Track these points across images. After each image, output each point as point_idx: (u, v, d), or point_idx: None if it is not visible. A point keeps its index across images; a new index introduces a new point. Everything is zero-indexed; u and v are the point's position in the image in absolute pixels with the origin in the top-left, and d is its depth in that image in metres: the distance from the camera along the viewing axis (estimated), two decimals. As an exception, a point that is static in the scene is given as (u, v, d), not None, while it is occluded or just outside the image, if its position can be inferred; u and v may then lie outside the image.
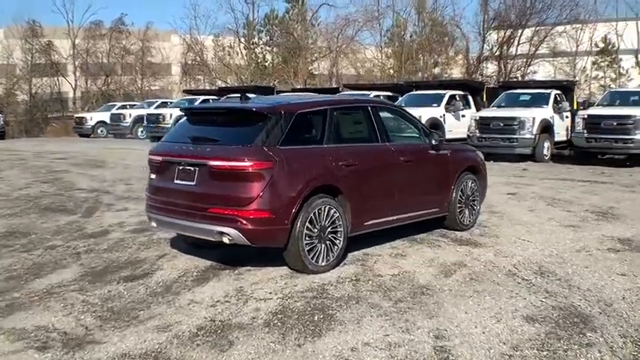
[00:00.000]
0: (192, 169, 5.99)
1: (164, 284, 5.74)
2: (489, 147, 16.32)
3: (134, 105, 32.68)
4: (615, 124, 15.33)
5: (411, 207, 7.08)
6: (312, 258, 5.89)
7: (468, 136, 17.48)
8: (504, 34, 33.47)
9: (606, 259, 6.50)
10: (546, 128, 16.93)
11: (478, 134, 17.08)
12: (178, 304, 5.18)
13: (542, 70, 34.38)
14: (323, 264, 6.00)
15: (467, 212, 7.82)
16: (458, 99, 19.42)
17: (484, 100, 20.66)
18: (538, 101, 17.74)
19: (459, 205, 7.66)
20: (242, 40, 41.33)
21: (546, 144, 17.04)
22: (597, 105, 17.39)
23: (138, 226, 8.19)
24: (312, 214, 5.86)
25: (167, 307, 5.13)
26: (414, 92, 21.02)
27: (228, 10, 53.54)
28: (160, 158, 6.43)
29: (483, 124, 17.15)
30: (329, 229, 6.04)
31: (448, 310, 4.96)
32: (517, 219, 8.60)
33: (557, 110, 17.54)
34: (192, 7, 67.16)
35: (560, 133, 17.70)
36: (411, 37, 38.73)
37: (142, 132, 28.57)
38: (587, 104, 18.87)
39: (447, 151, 7.71)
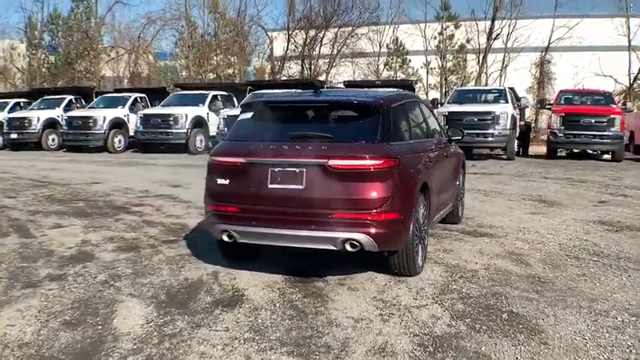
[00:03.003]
0: (296, 170, 5.01)
1: (293, 308, 4.67)
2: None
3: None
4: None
5: (447, 202, 6.93)
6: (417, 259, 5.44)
7: (217, 133, 18.20)
8: (307, 34, 34.56)
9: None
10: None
11: (226, 131, 17.66)
12: (346, 325, 4.26)
13: (345, 71, 36.15)
14: (421, 264, 5.57)
15: (460, 205, 7.87)
16: (219, 99, 20.50)
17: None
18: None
19: (458, 199, 7.70)
20: (23, 41, 37.18)
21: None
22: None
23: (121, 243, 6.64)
24: (417, 214, 5.37)
25: (353, 331, 4.18)
26: (179, 92, 22.41)
27: (18, 9, 47.65)
28: (240, 160, 5.20)
29: (230, 122, 17.67)
30: (423, 228, 5.61)
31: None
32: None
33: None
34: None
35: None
36: (202, 36, 38.05)
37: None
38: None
39: (456, 146, 7.72)
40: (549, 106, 19.00)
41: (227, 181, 5.26)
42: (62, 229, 7.57)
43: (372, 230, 4.89)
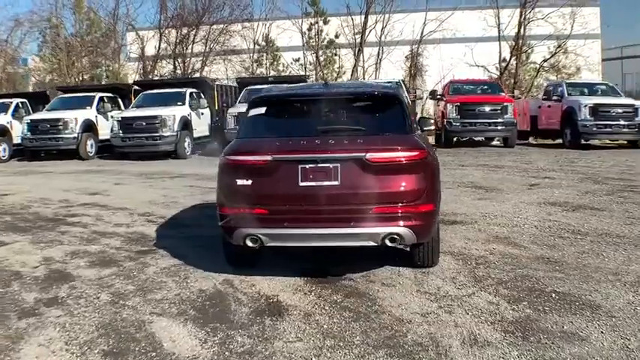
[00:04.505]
0: (330, 166, 4.71)
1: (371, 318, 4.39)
2: (134, 146, 17.13)
3: None
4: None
5: None
6: None
7: (111, 137, 17.55)
8: (179, 32, 33.51)
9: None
10: (186, 125, 17.86)
11: (122, 134, 17.15)
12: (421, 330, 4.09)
13: (218, 69, 35.42)
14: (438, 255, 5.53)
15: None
16: (106, 101, 19.46)
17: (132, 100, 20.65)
18: (175, 99, 18.48)
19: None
20: None
21: (188, 139, 17.94)
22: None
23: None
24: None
25: (430, 326, 4.01)
26: (63, 95, 20.66)
27: None
28: (265, 158, 4.77)
29: (126, 124, 17.24)
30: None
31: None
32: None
33: (194, 108, 18.58)
34: None
35: (199, 130, 18.94)
36: (65, 38, 35.53)
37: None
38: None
39: None
40: (440, 97, 19.91)
41: (250, 182, 4.86)
42: (8, 246, 6.66)
43: (413, 223, 4.78)
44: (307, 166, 4.76)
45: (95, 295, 4.91)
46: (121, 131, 17.23)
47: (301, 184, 4.77)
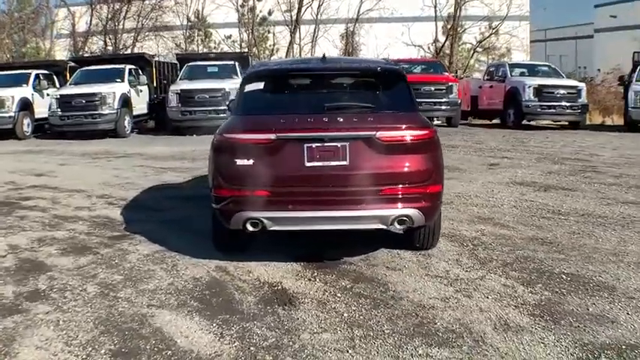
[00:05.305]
0: (338, 145, 4.44)
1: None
2: (73, 125, 16.26)
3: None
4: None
5: None
6: None
7: (49, 115, 16.64)
8: (111, 8, 32.04)
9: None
10: (125, 102, 16.89)
11: (60, 113, 16.28)
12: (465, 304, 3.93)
13: (149, 46, 34.12)
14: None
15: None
16: (42, 78, 18.30)
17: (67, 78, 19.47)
18: (113, 76, 17.57)
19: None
20: None
21: (127, 117, 17.01)
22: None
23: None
24: None
25: (454, 311, 3.83)
26: None
27: None
28: (268, 136, 4.43)
29: (65, 102, 16.35)
30: None
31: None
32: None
33: (133, 85, 17.75)
34: None
35: (139, 107, 18.00)
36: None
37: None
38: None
39: None
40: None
41: (250, 162, 4.53)
42: (-39, 234, 5.99)
43: (422, 204, 4.62)
44: (314, 145, 4.48)
45: (81, 287, 4.47)
46: (59, 109, 16.16)
47: (307, 164, 4.49)
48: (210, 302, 4.19)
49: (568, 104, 16.58)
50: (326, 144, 4.49)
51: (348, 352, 3.37)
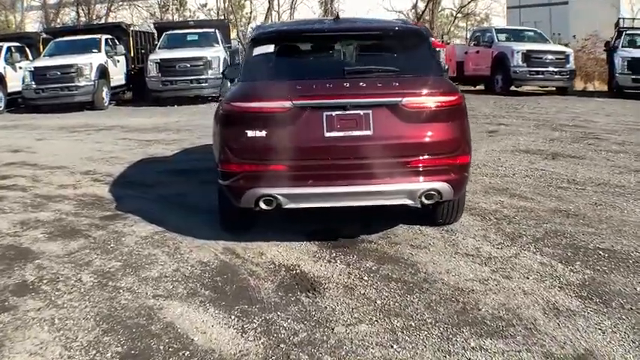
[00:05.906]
0: (361, 113, 4.01)
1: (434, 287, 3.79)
2: (49, 98, 15.48)
3: None
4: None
5: None
6: None
7: (23, 89, 15.84)
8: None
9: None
10: (103, 73, 16.16)
11: (35, 86, 15.50)
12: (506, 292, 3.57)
13: (123, 15, 33.01)
14: (459, 210, 5.07)
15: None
16: (14, 51, 17.43)
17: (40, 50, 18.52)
18: (89, 47, 16.66)
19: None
20: None
21: (105, 89, 16.23)
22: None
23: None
24: None
25: (497, 295, 3.48)
26: None
27: None
28: (283, 104, 3.97)
29: (40, 74, 15.58)
30: None
31: None
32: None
33: (110, 55, 16.97)
34: None
35: (116, 78, 17.34)
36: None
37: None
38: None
39: None
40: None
41: (263, 133, 4.08)
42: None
43: (451, 177, 4.25)
44: (334, 114, 4.05)
45: (75, 277, 4.01)
46: (33, 82, 15.34)
47: (327, 134, 4.06)
48: (223, 290, 3.78)
49: (556, 70, 16.27)
50: (347, 112, 4.05)
51: (392, 347, 3.00)
